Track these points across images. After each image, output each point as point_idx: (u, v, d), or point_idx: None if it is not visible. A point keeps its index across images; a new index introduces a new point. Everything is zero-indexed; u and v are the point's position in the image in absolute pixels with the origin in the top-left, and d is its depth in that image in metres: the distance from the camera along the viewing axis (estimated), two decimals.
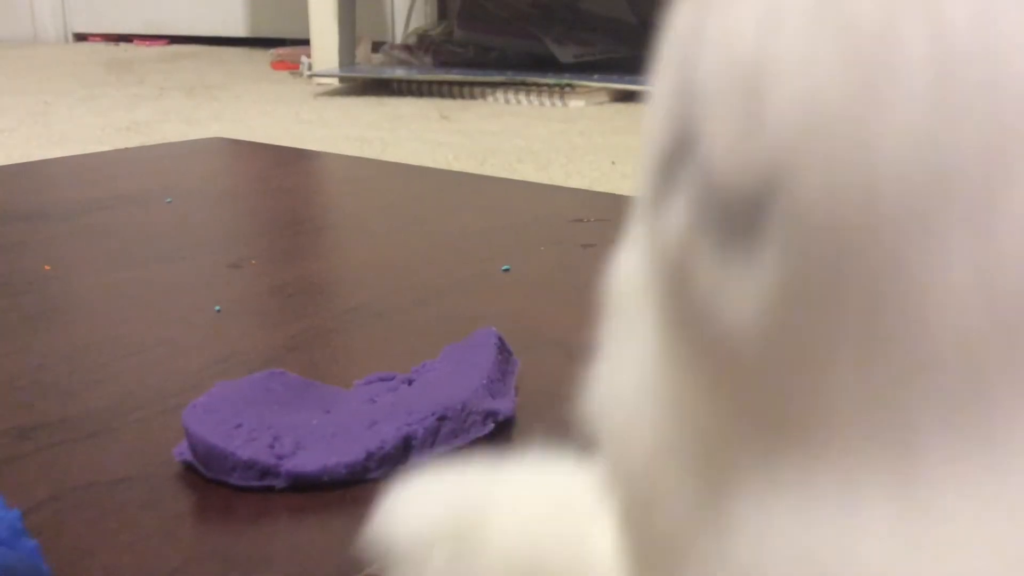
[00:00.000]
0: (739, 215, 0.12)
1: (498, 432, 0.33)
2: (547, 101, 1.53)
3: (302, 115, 1.47)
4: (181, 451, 0.31)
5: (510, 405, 0.34)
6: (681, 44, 0.13)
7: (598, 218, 0.61)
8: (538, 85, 1.55)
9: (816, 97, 0.11)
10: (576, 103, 1.52)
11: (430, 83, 1.64)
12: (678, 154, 0.13)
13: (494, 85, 1.58)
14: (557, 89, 1.53)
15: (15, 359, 0.40)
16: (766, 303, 0.12)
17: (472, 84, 1.60)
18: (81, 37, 2.78)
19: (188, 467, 0.31)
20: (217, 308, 0.45)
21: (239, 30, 2.52)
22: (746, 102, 0.12)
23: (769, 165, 0.12)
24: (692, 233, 0.13)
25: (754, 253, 0.12)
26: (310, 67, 1.83)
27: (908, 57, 0.11)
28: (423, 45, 1.89)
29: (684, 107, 0.13)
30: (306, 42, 1.88)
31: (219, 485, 0.30)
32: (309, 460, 0.30)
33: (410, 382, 0.35)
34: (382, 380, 0.35)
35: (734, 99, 0.12)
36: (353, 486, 0.30)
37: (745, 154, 0.12)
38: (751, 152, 0.12)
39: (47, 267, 0.51)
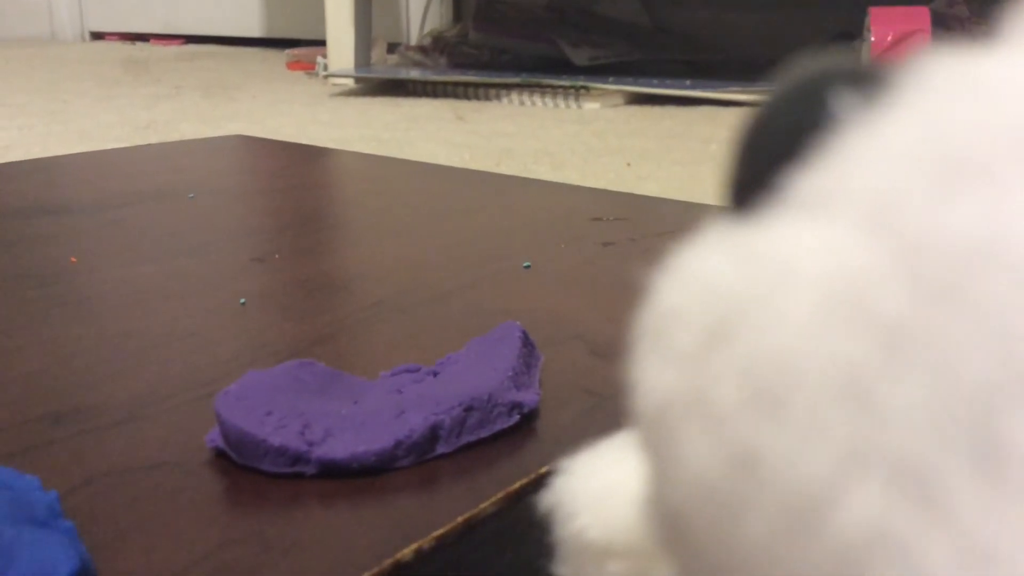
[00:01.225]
0: (681, 533, 0.14)
1: (523, 423, 0.34)
2: (562, 103, 1.54)
3: (318, 115, 1.48)
4: (213, 438, 0.32)
5: (535, 397, 0.34)
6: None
7: (617, 217, 0.61)
8: (553, 87, 1.55)
9: (699, 485, 0.13)
10: (591, 105, 1.52)
11: (445, 84, 1.65)
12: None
13: (509, 87, 1.59)
14: (572, 91, 1.54)
15: (46, 348, 0.40)
16: None
17: (487, 85, 1.61)
18: (98, 36, 2.79)
19: (220, 453, 0.31)
20: (242, 301, 0.46)
21: (255, 30, 2.53)
22: (662, 465, 0.14)
23: (681, 519, 0.13)
24: (660, 525, 0.15)
25: (693, 564, 0.14)
26: (326, 67, 1.84)
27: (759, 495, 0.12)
28: (438, 46, 1.90)
29: (639, 435, 0.15)
30: (322, 43, 1.89)
31: (250, 471, 0.31)
32: (339, 447, 0.30)
33: (435, 374, 0.36)
34: (408, 371, 0.36)
35: (656, 459, 0.14)
36: (381, 473, 0.30)
37: (669, 502, 0.14)
38: (671, 504, 0.13)
39: (73, 259, 0.52)
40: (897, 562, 0.11)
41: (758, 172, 0.14)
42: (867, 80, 0.13)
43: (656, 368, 0.13)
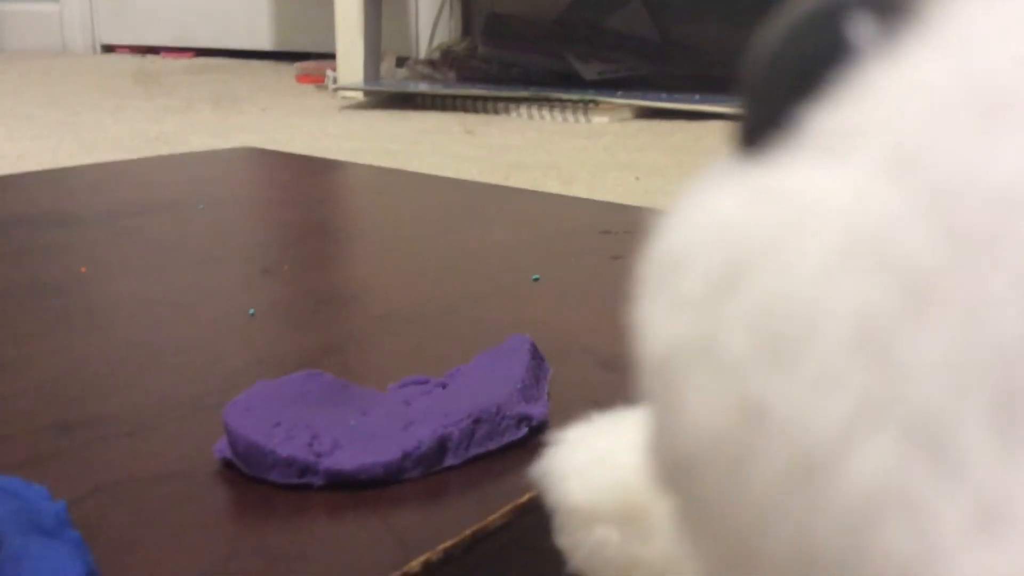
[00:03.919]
0: (683, 478, 0.13)
1: (531, 436, 0.33)
2: (571, 117, 1.54)
3: (327, 128, 1.48)
4: (221, 448, 0.32)
5: (543, 410, 0.34)
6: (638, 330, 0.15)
7: (626, 231, 0.61)
8: (562, 101, 1.55)
9: (704, 434, 0.12)
10: (600, 119, 1.52)
11: (454, 98, 1.65)
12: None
13: (518, 100, 1.59)
14: (581, 105, 1.54)
15: (56, 357, 0.40)
16: (705, 548, 0.13)
17: (496, 99, 1.61)
18: (109, 48, 2.81)
19: (228, 464, 0.31)
20: (251, 312, 0.46)
21: (265, 43, 2.54)
22: (665, 412, 0.13)
23: (684, 465, 0.13)
24: (661, 468, 0.14)
25: (695, 508, 0.13)
26: (335, 81, 1.85)
27: (772, 435, 0.11)
28: (447, 60, 1.91)
29: (641, 381, 0.14)
30: (331, 56, 1.89)
31: (258, 482, 0.30)
32: (347, 459, 0.30)
33: (444, 386, 0.36)
34: (416, 383, 0.36)
35: (659, 406, 0.13)
36: (389, 485, 0.30)
37: (671, 449, 0.13)
38: (675, 451, 0.13)
39: (84, 270, 0.52)
40: (907, 517, 0.10)
41: (770, 109, 0.13)
42: (888, 7, 0.12)
43: (662, 313, 0.13)
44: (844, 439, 0.11)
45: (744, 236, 0.12)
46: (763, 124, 0.13)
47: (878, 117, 0.12)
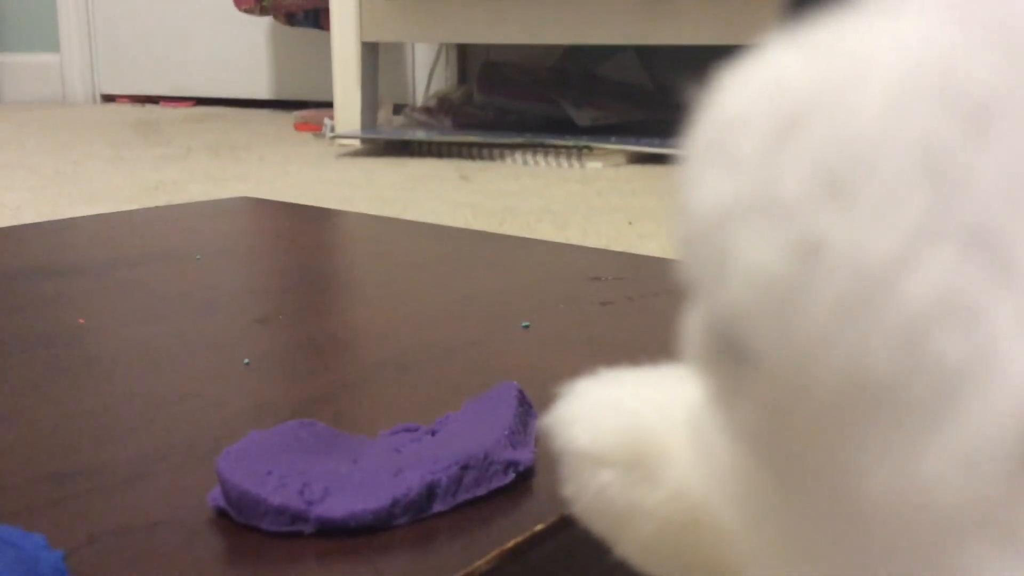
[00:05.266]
0: (731, 343, 0.14)
1: (519, 481, 0.34)
2: (565, 163, 1.56)
3: (324, 175, 1.50)
4: (214, 497, 0.32)
5: (530, 456, 0.35)
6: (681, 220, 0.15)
7: (615, 277, 0.62)
8: (556, 147, 1.57)
9: (760, 280, 0.13)
10: (593, 165, 1.54)
11: (450, 144, 1.67)
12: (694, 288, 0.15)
13: (513, 147, 1.61)
14: (575, 151, 1.56)
15: (53, 408, 0.41)
16: (756, 412, 0.14)
17: (491, 146, 1.63)
18: (109, 98, 2.84)
19: (221, 512, 0.32)
20: (246, 361, 0.47)
21: (263, 92, 2.57)
22: (716, 273, 0.13)
23: (736, 321, 0.13)
24: (707, 343, 0.15)
25: (744, 372, 0.14)
26: (333, 129, 1.87)
27: (823, 278, 0.12)
28: (443, 107, 1.93)
29: (686, 255, 0.15)
30: (329, 104, 1.92)
31: (250, 529, 0.31)
32: (337, 506, 0.31)
33: (433, 433, 0.36)
34: (407, 431, 0.37)
35: (709, 270, 0.14)
36: (379, 532, 0.31)
37: (721, 310, 0.14)
38: (725, 310, 0.13)
39: (81, 320, 0.53)
40: (962, 322, 0.11)
41: None
42: None
43: (715, 177, 0.13)
44: (903, 258, 0.11)
45: (802, 87, 0.12)
46: None
47: None
